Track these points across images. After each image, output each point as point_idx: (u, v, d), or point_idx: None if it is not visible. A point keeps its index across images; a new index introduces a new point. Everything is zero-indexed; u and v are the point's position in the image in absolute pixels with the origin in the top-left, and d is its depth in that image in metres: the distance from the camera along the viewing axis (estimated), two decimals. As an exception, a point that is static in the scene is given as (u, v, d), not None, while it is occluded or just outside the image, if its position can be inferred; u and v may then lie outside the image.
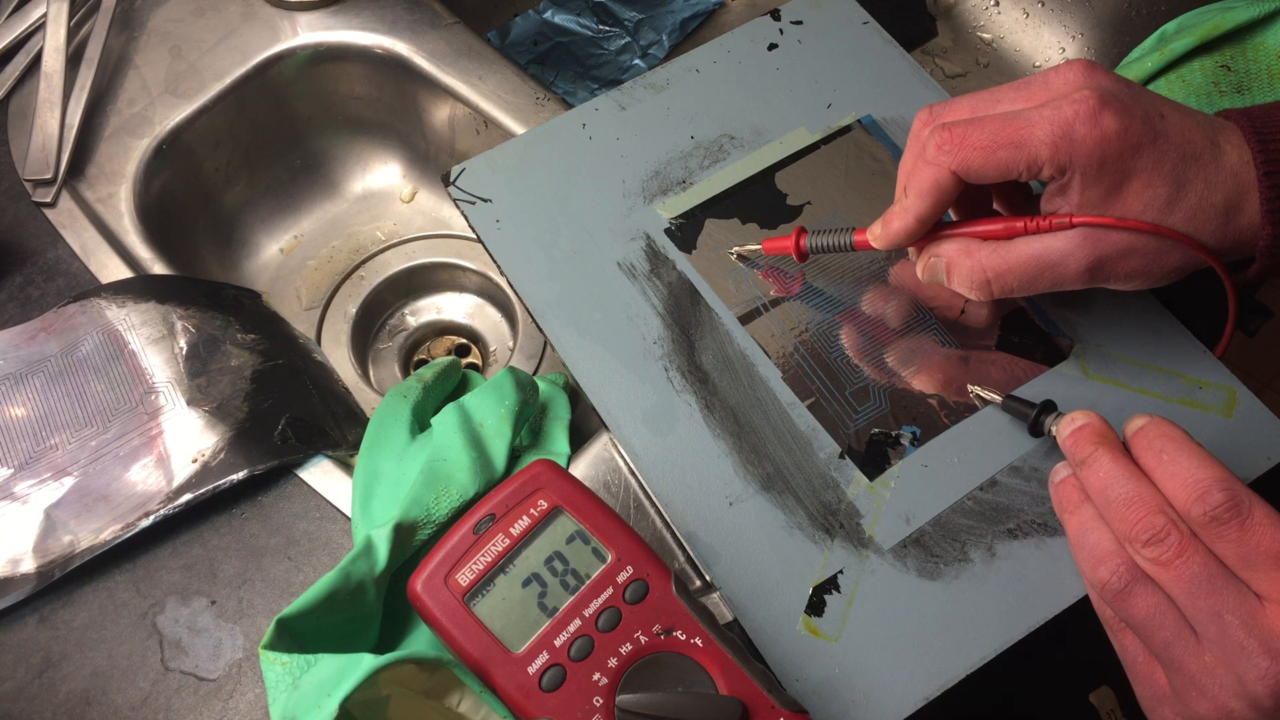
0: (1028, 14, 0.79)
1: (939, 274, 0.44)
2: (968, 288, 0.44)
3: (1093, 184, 0.40)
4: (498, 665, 0.37)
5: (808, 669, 0.42)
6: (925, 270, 0.45)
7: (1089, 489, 0.39)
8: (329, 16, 0.64)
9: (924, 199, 0.42)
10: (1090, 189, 0.40)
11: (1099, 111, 0.39)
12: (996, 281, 0.43)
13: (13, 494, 0.47)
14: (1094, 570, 0.38)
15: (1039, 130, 0.39)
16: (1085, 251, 0.41)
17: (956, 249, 0.43)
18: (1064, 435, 0.41)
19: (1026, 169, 0.40)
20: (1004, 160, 0.40)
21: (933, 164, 0.41)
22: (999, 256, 0.42)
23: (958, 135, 0.41)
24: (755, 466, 0.46)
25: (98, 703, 0.44)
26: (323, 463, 0.49)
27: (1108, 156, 0.39)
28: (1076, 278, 0.42)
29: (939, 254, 0.44)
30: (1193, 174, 0.40)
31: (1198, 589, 0.35)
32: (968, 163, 0.40)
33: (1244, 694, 0.34)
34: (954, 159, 0.41)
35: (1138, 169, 0.39)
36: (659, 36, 0.81)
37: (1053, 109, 0.40)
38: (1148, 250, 0.41)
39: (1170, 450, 0.38)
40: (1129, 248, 0.41)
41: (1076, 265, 0.41)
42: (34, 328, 0.51)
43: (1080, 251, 0.41)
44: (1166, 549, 0.36)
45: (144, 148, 0.60)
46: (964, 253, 0.43)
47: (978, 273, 0.43)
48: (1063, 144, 0.39)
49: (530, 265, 0.51)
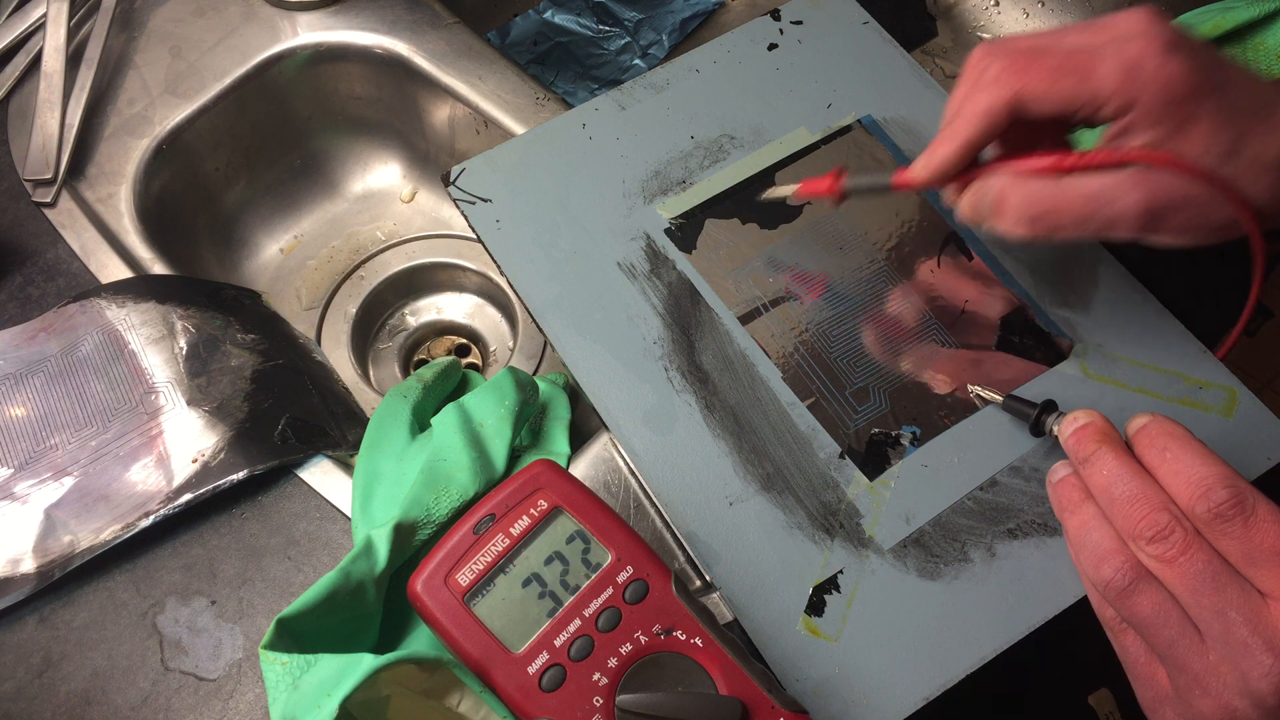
0: (1028, 14, 0.78)
1: (986, 207, 0.42)
2: (1015, 222, 0.41)
3: (1156, 124, 0.38)
4: (498, 665, 0.37)
5: (808, 669, 0.42)
6: (971, 204, 0.43)
7: (1092, 487, 0.39)
8: (329, 16, 0.64)
9: (974, 123, 0.41)
10: (1153, 129, 0.39)
11: (1169, 51, 0.38)
12: (1048, 218, 0.40)
13: (13, 494, 0.47)
14: (1096, 569, 0.38)
15: (1106, 64, 0.38)
16: (1141, 194, 0.39)
17: (1010, 181, 0.41)
18: (1066, 434, 0.41)
19: (1088, 102, 0.39)
20: (1066, 90, 0.39)
21: (991, 87, 0.40)
22: (1054, 191, 0.40)
23: (1023, 61, 0.39)
24: (755, 466, 0.46)
25: (98, 703, 0.44)
26: (323, 463, 0.49)
27: (1174, 97, 0.38)
28: (1129, 223, 0.40)
29: (989, 186, 0.42)
30: (1252, 127, 0.39)
31: (1201, 586, 0.35)
32: (1028, 90, 0.39)
33: (1248, 692, 0.34)
34: (1016, 83, 0.39)
35: (1202, 114, 0.38)
36: (659, 36, 0.81)
37: (1121, 45, 0.39)
38: (1201, 202, 0.39)
39: (1174, 448, 0.38)
40: (1185, 198, 0.39)
41: (1132, 209, 0.39)
42: (34, 328, 0.51)
43: (1137, 194, 0.39)
44: (1170, 546, 0.36)
45: (144, 148, 0.60)
46: (1018, 185, 0.41)
47: (1030, 206, 0.40)
48: (1130, 80, 0.38)
49: (530, 265, 0.51)
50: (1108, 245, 0.52)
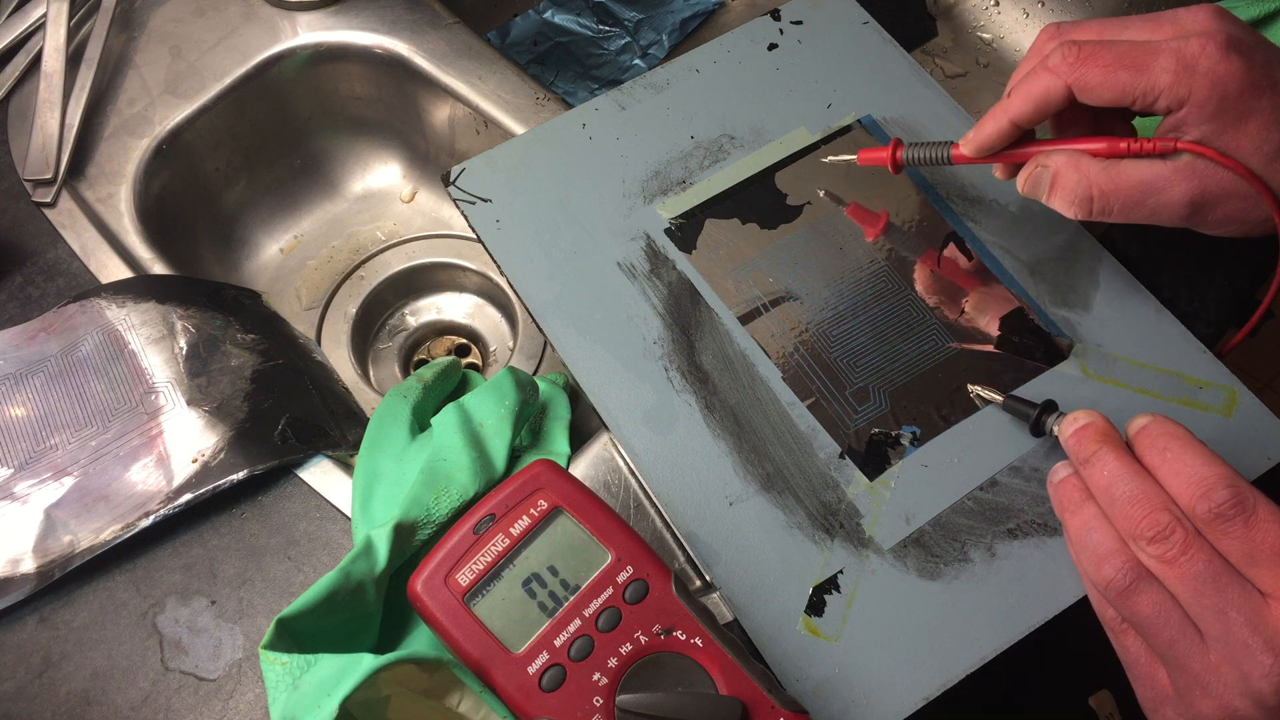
0: (1028, 14, 0.78)
1: (1042, 185, 0.44)
2: (1069, 202, 0.43)
3: (1208, 120, 0.40)
4: (498, 665, 0.37)
5: (808, 669, 0.42)
6: (1029, 180, 0.45)
7: (1093, 487, 0.39)
8: (329, 16, 0.64)
9: (1027, 103, 0.42)
10: (1205, 124, 0.40)
11: (1225, 49, 0.39)
12: (1100, 200, 0.42)
13: (13, 494, 0.47)
14: (1097, 569, 0.38)
15: (1163, 59, 0.40)
16: (1191, 184, 0.41)
17: (1066, 161, 0.43)
18: (1067, 434, 0.41)
19: (1143, 95, 0.41)
20: (1122, 82, 0.41)
21: (1051, 72, 0.42)
22: (1109, 175, 0.42)
23: (1085, 51, 0.41)
24: (755, 466, 0.46)
25: (98, 703, 0.44)
26: (323, 463, 0.49)
27: (1228, 94, 0.40)
28: (1176, 211, 0.42)
29: (1046, 164, 0.44)
30: None
31: (1202, 586, 0.35)
32: (1087, 79, 0.41)
33: (1249, 692, 0.34)
34: (1075, 72, 0.41)
35: (1255, 111, 0.40)
36: (659, 36, 0.81)
37: (1179, 42, 0.40)
38: (1245, 196, 0.41)
39: (1174, 448, 0.38)
40: (1233, 189, 0.41)
41: (1180, 198, 0.41)
42: (34, 328, 0.51)
43: (1186, 184, 0.41)
44: (1171, 546, 0.36)
45: (144, 148, 0.60)
46: (1073, 165, 0.43)
47: (1084, 187, 0.42)
48: (1184, 75, 0.40)
49: (530, 265, 0.51)
50: (1108, 245, 0.52)
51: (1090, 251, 0.52)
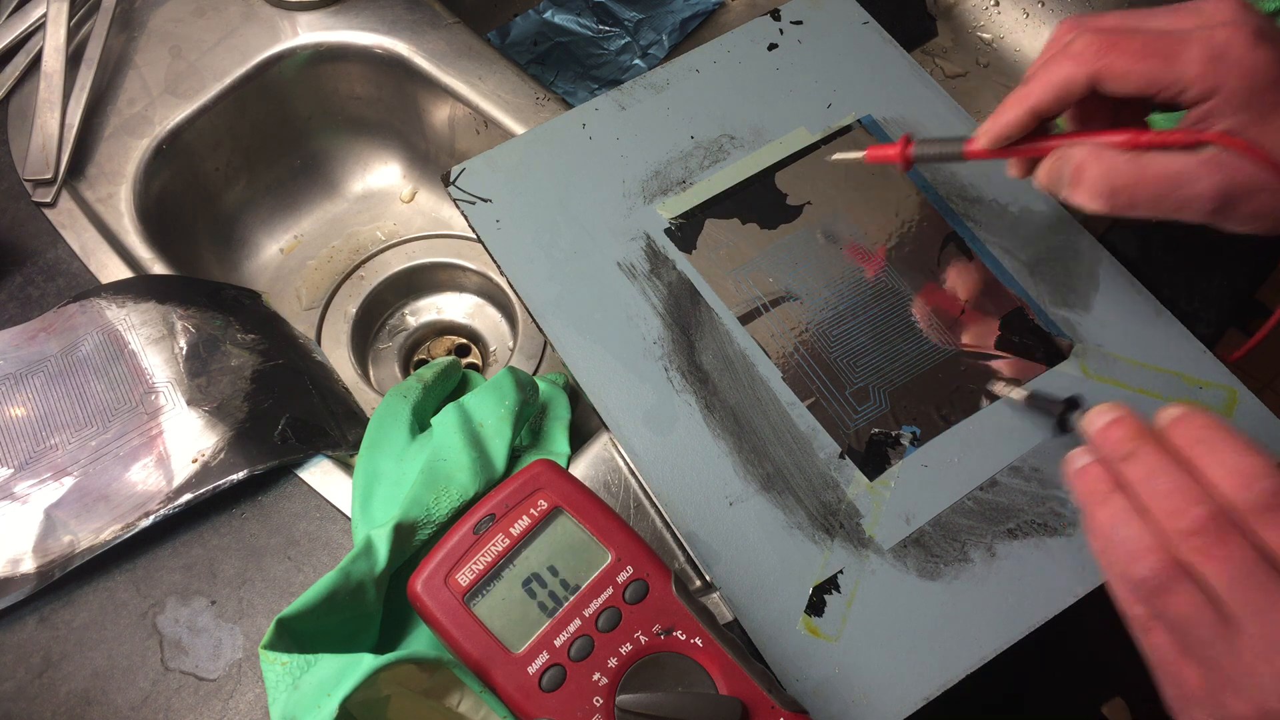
0: (1028, 14, 0.78)
1: (1064, 177, 0.42)
2: (1093, 195, 0.41)
3: (1238, 111, 0.39)
4: (498, 665, 0.37)
5: (808, 669, 0.42)
6: (1049, 173, 0.43)
7: (1131, 480, 0.37)
8: (329, 16, 0.64)
9: (1046, 91, 0.41)
10: (1234, 116, 0.39)
11: (1256, 40, 0.38)
12: (1124, 193, 0.41)
13: (13, 494, 0.47)
14: (1130, 566, 0.36)
15: (1193, 49, 0.39)
16: (1219, 178, 0.39)
17: (1089, 153, 0.41)
18: (1097, 428, 0.39)
19: (1171, 85, 0.39)
20: (1150, 70, 0.39)
21: (1074, 59, 0.40)
22: (1134, 167, 0.40)
23: (1110, 38, 0.40)
24: (755, 466, 0.46)
25: (98, 703, 0.44)
26: (323, 463, 0.49)
27: (1258, 85, 0.38)
28: (1203, 205, 0.40)
29: (1069, 156, 0.42)
30: None
31: (1243, 581, 0.34)
32: (1112, 66, 0.40)
33: None
34: (1100, 59, 0.40)
35: None
36: (659, 36, 0.81)
37: (1209, 30, 0.39)
38: (1274, 190, 0.40)
39: (1213, 439, 0.36)
40: (1261, 183, 0.39)
41: (1207, 192, 0.40)
42: (34, 328, 0.51)
43: (1214, 177, 0.39)
44: (1209, 538, 0.34)
45: (144, 148, 0.60)
46: (1096, 157, 0.41)
47: (1109, 179, 0.41)
48: (1215, 66, 0.38)
49: (530, 265, 0.51)
50: (1108, 246, 0.52)
51: (1090, 251, 0.52)
